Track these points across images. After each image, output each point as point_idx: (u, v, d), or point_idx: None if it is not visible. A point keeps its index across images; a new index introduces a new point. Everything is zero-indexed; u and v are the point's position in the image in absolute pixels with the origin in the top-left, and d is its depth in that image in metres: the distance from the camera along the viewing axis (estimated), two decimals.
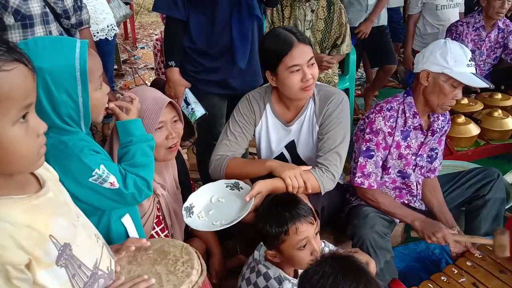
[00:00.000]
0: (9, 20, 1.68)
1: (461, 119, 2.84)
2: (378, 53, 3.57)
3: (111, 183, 1.19)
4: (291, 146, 1.85)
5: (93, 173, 1.16)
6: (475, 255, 1.73)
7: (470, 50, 3.21)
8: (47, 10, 1.78)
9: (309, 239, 1.34)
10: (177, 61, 2.04)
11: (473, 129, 2.83)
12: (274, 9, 2.70)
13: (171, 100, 1.55)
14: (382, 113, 1.79)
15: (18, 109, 0.73)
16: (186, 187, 1.81)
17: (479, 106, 3.07)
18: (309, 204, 1.59)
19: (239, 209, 1.51)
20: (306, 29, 2.70)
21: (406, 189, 1.94)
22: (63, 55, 1.12)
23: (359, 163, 1.82)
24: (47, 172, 0.94)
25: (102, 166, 1.18)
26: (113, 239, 1.30)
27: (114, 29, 2.97)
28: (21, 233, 0.76)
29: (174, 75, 2.04)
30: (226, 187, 1.62)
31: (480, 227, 1.88)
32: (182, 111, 1.74)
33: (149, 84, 4.27)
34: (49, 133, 1.13)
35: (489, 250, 1.72)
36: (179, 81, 2.05)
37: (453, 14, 3.78)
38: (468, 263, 1.69)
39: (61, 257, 0.82)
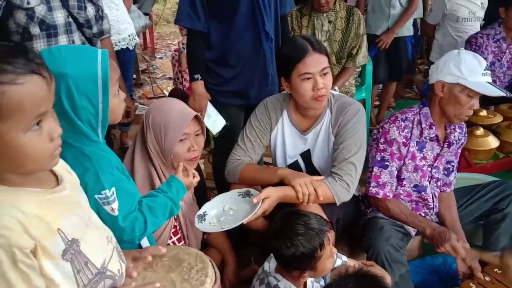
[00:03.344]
0: (35, 30, 1.74)
1: (480, 131, 2.79)
2: (389, 65, 3.56)
3: (112, 208, 1.19)
4: (306, 155, 1.85)
5: (102, 192, 1.17)
6: (481, 278, 1.68)
7: (490, 62, 3.23)
8: (71, 20, 1.84)
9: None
10: (202, 74, 2.08)
11: (492, 142, 2.78)
12: (294, 17, 2.74)
13: (197, 113, 1.58)
14: (397, 123, 1.78)
15: (30, 118, 0.76)
16: (202, 197, 1.83)
17: (498, 118, 3.02)
18: (324, 216, 1.59)
19: (248, 213, 1.53)
20: (324, 40, 2.72)
21: (422, 202, 1.91)
22: (86, 63, 1.15)
23: (373, 173, 1.81)
24: (69, 175, 0.97)
25: (113, 189, 1.19)
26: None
27: (135, 39, 3.04)
28: (30, 222, 0.78)
29: (199, 88, 2.08)
30: (238, 195, 1.66)
31: (498, 241, 1.84)
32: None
33: (167, 93, 4.34)
34: (72, 143, 1.16)
35: (498, 274, 1.68)
36: (203, 94, 2.09)
37: (474, 27, 3.75)
38: (487, 278, 1.66)
39: (67, 251, 0.84)
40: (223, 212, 1.61)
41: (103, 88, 1.16)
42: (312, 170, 1.85)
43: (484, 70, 1.68)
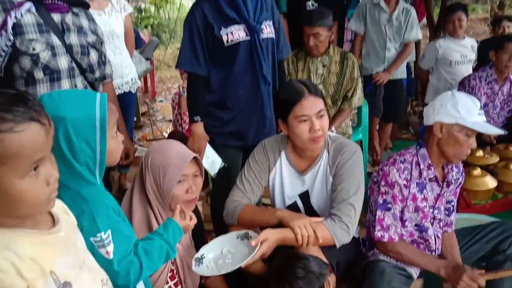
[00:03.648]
0: (39, 75, 1.78)
1: (477, 171, 2.81)
2: (386, 106, 3.62)
3: (107, 251, 1.18)
4: (304, 196, 1.85)
5: (97, 235, 1.16)
6: None
7: (484, 103, 3.30)
8: (74, 65, 1.88)
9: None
10: (202, 116, 2.12)
11: (490, 182, 2.79)
12: (290, 61, 2.83)
13: (195, 155, 1.59)
14: (396, 166, 1.79)
15: (28, 165, 0.77)
16: (200, 239, 1.81)
17: (495, 159, 3.04)
18: (324, 259, 1.57)
19: (246, 256, 1.50)
20: (319, 83, 2.79)
21: (424, 243, 1.89)
22: (85, 106, 1.18)
23: (377, 217, 1.79)
24: (66, 216, 0.98)
25: (109, 232, 1.18)
26: None
27: (137, 82, 3.11)
28: (23, 264, 0.78)
29: (199, 130, 2.12)
30: (237, 238, 1.64)
31: (502, 284, 1.80)
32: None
33: (166, 135, 4.39)
34: (69, 185, 1.16)
35: None
36: (203, 136, 2.13)
37: (467, 70, 3.86)
38: None
39: None
40: (221, 255, 1.59)
41: (101, 131, 1.18)
42: (311, 211, 1.84)
43: (480, 109, 1.72)
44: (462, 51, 3.89)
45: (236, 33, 2.03)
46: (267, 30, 2.11)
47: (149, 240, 1.32)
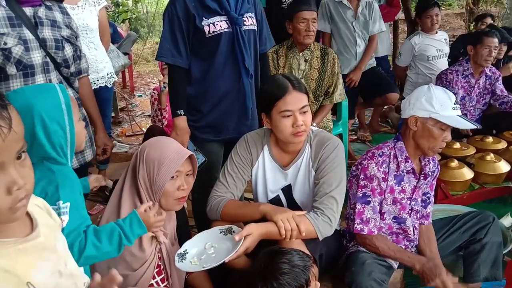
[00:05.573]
0: (12, 70, 1.73)
1: (455, 163, 2.86)
2: (379, 87, 3.64)
3: (61, 220, 1.18)
4: (287, 190, 1.85)
5: (56, 203, 1.25)
6: None
7: (461, 97, 3.37)
8: (48, 59, 1.83)
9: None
10: (185, 110, 2.09)
11: (467, 173, 2.85)
12: (270, 58, 2.80)
13: (192, 153, 1.60)
14: (375, 159, 1.81)
15: None
16: (185, 235, 1.81)
17: (471, 150, 3.11)
18: (307, 251, 1.58)
19: (230, 251, 1.50)
20: (300, 78, 2.79)
21: (403, 234, 1.92)
22: (50, 94, 1.36)
23: (356, 210, 1.81)
24: (49, 218, 0.93)
25: (67, 204, 1.27)
26: None
27: (113, 77, 3.06)
28: None
29: (182, 123, 2.09)
30: (220, 233, 1.63)
31: (479, 272, 1.85)
32: None
33: (145, 130, 4.32)
34: (43, 161, 1.33)
35: None
36: (186, 129, 2.10)
37: (443, 64, 3.93)
38: None
39: None
40: (204, 250, 1.58)
41: (68, 113, 1.36)
42: (293, 205, 1.85)
43: (454, 104, 1.75)
44: (437, 45, 3.95)
45: (218, 24, 2.01)
46: (249, 22, 2.09)
47: (104, 225, 1.38)
